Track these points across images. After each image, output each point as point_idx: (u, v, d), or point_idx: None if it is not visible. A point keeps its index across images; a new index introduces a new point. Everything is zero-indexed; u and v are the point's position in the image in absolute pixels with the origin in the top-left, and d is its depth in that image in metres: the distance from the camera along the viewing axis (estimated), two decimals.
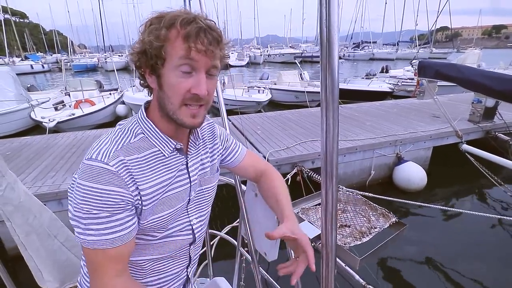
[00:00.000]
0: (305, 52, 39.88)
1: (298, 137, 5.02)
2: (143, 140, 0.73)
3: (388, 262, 3.30)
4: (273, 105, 11.47)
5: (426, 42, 38.46)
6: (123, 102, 10.05)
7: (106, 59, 31.93)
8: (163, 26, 0.64)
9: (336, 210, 0.63)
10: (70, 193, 0.69)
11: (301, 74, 12.71)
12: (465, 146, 4.27)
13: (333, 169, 0.58)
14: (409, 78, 12.39)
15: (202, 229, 0.91)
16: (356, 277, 1.30)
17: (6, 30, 35.96)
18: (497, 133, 5.44)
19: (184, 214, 0.83)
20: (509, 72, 10.44)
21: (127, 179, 0.67)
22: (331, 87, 0.51)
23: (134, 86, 10.33)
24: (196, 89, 0.67)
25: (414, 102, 8.13)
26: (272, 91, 11.48)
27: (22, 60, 36.87)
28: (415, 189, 4.67)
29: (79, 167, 0.67)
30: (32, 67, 32.30)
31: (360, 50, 46.86)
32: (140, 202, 0.70)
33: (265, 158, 4.15)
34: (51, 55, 48.15)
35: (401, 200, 3.46)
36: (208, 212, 0.93)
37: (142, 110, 0.76)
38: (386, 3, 48.55)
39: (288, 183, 3.98)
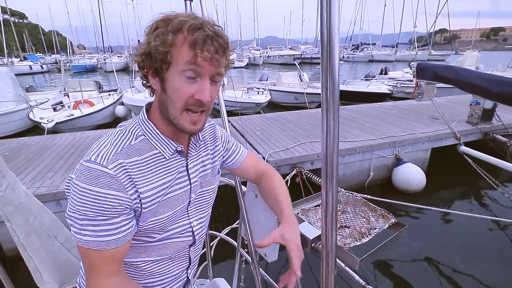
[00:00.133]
0: (304, 53, 39.98)
1: (297, 138, 5.03)
2: (144, 142, 0.73)
3: (387, 263, 3.30)
4: (272, 106, 11.48)
5: (425, 44, 38.58)
6: (122, 103, 10.04)
7: (105, 60, 31.94)
8: (170, 31, 0.63)
9: (336, 211, 0.63)
10: (67, 192, 0.69)
11: (300, 76, 12.73)
12: (463, 148, 4.27)
13: (333, 170, 0.58)
14: (408, 80, 12.43)
15: (202, 231, 0.91)
16: (355, 277, 1.31)
17: (5, 30, 35.88)
18: (495, 134, 5.46)
19: (184, 216, 0.83)
20: (507, 74, 10.51)
21: (126, 183, 0.66)
22: (332, 89, 0.51)
23: (133, 87, 10.31)
24: (199, 95, 0.67)
25: (413, 103, 8.15)
26: (271, 93, 11.49)
27: (21, 60, 36.79)
28: (414, 190, 4.67)
29: (77, 168, 0.67)
30: (31, 68, 32.25)
31: (359, 51, 46.93)
32: (139, 205, 0.70)
33: (264, 159, 4.15)
34: (50, 56, 48.15)
35: (400, 202, 3.47)
36: (208, 213, 0.93)
37: (143, 111, 0.76)
38: (385, 5, 48.78)
39: (287, 185, 3.97)
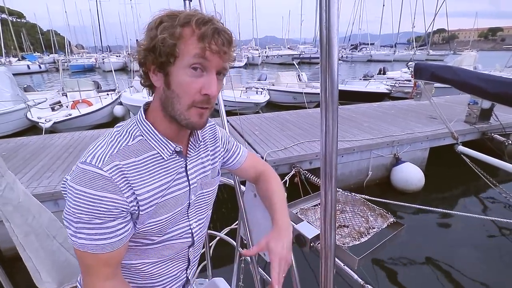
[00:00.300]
0: (303, 53, 40.02)
1: (296, 137, 5.03)
2: (142, 142, 0.71)
3: (386, 262, 3.31)
4: (271, 106, 11.49)
5: (423, 44, 38.66)
6: (121, 103, 10.01)
7: (103, 60, 31.83)
8: (178, 24, 0.63)
9: (335, 210, 0.63)
10: (64, 194, 0.67)
11: (299, 75, 12.73)
12: (460, 148, 4.29)
13: (332, 169, 0.58)
14: (406, 80, 12.46)
15: (202, 232, 0.90)
16: (354, 276, 1.31)
17: (3, 30, 35.68)
18: (493, 134, 5.48)
19: (184, 219, 0.82)
20: (504, 74, 10.55)
21: (122, 185, 0.65)
22: (331, 89, 0.51)
23: (131, 87, 10.29)
24: (207, 89, 0.65)
25: (411, 103, 8.18)
26: (270, 92, 11.49)
27: (19, 60, 36.63)
28: (413, 190, 4.69)
29: (73, 169, 0.66)
30: (29, 67, 32.05)
31: (358, 51, 46.98)
32: (136, 208, 0.69)
33: (263, 158, 4.16)
34: (48, 55, 47.97)
35: (398, 202, 3.48)
36: (208, 215, 0.92)
37: (141, 111, 0.74)
38: (383, 5, 48.90)
39: (286, 185, 3.98)
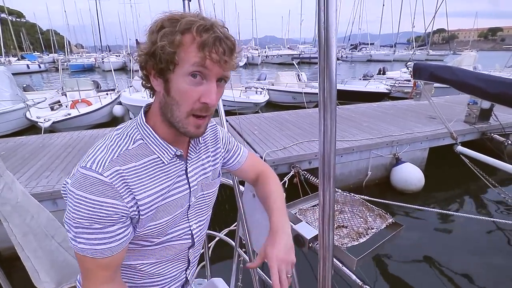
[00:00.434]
0: (303, 53, 40.00)
1: (295, 137, 5.03)
2: (142, 146, 0.70)
3: (384, 263, 3.31)
4: (270, 105, 11.49)
5: (423, 44, 38.67)
6: (120, 103, 10.00)
7: (103, 59, 31.80)
8: (178, 31, 0.61)
9: (333, 210, 0.63)
10: (65, 197, 0.67)
11: (298, 75, 12.73)
12: (459, 148, 4.29)
13: (330, 170, 0.58)
14: (406, 80, 12.47)
15: (202, 233, 0.90)
16: (353, 277, 1.31)
17: (2, 29, 35.64)
18: (492, 134, 5.49)
19: (184, 220, 0.81)
20: (504, 74, 10.56)
21: (122, 190, 0.65)
22: (329, 89, 0.51)
23: (131, 87, 10.28)
24: (206, 98, 0.64)
25: (411, 103, 8.19)
26: (269, 92, 11.49)
27: (19, 59, 36.58)
28: (413, 190, 4.68)
29: (73, 173, 0.66)
30: (28, 67, 32.00)
31: (357, 51, 46.99)
32: (137, 212, 0.68)
33: (262, 158, 4.16)
34: (48, 55, 47.91)
35: (397, 203, 3.48)
36: (208, 216, 0.92)
37: (141, 114, 0.73)
38: (383, 5, 48.90)
39: (285, 186, 3.98)
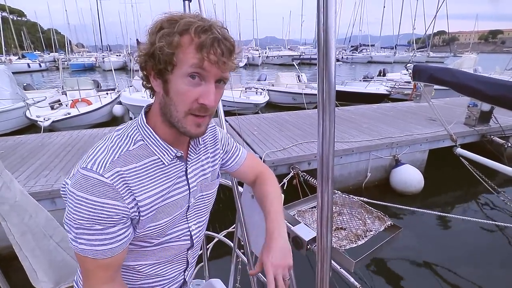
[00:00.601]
0: (303, 54, 39.98)
1: (294, 138, 5.03)
2: (143, 147, 0.70)
3: (382, 265, 3.31)
4: (270, 106, 11.49)
5: (423, 46, 38.69)
6: (120, 102, 10.00)
7: (103, 59, 31.81)
8: (176, 32, 0.61)
9: (331, 212, 0.63)
10: (64, 198, 0.67)
11: (298, 76, 12.73)
12: (459, 150, 4.28)
13: (329, 171, 0.58)
14: (406, 82, 12.47)
15: (201, 234, 0.89)
16: (350, 279, 1.31)
17: (3, 28, 35.68)
18: (492, 136, 5.48)
19: (183, 221, 0.81)
20: (504, 77, 10.57)
21: (123, 192, 0.65)
22: (328, 90, 0.51)
23: (131, 87, 10.28)
24: (204, 99, 0.64)
25: (411, 105, 8.19)
26: (269, 93, 11.49)
27: (19, 58, 36.59)
28: (412, 192, 4.68)
29: (73, 173, 0.65)
30: (29, 66, 32.01)
31: (358, 53, 46.97)
32: (137, 213, 0.69)
33: (261, 159, 4.16)
34: (49, 54, 47.91)
35: (396, 205, 3.47)
36: (207, 217, 0.92)
37: (142, 115, 0.73)
38: (384, 7, 48.89)
39: (284, 187, 3.98)
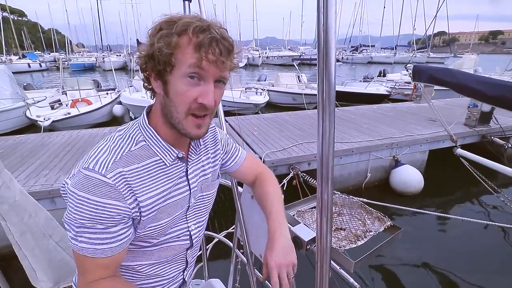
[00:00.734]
0: (303, 54, 39.98)
1: (294, 138, 5.03)
2: (144, 148, 0.71)
3: (382, 266, 3.30)
4: (270, 106, 11.49)
5: (424, 46, 38.69)
6: (120, 102, 10.01)
7: (104, 59, 31.84)
8: (175, 33, 0.62)
9: (331, 213, 0.63)
10: (64, 197, 0.67)
11: (299, 77, 12.73)
12: (459, 151, 4.28)
13: (328, 172, 0.58)
14: (406, 82, 12.48)
15: (200, 234, 0.90)
16: (350, 280, 1.31)
17: (4, 28, 35.76)
18: (492, 137, 5.48)
19: (182, 221, 0.82)
20: (504, 77, 10.57)
21: (125, 192, 0.65)
22: (328, 90, 0.51)
23: (131, 87, 10.28)
24: (203, 98, 0.64)
25: (411, 105, 8.19)
26: (269, 93, 11.49)
27: (20, 58, 36.60)
28: (412, 192, 4.68)
29: (73, 173, 0.66)
30: (29, 66, 32.02)
31: (358, 53, 47.01)
32: (138, 214, 0.69)
33: (261, 159, 4.15)
34: (49, 54, 47.91)
35: (396, 206, 3.47)
36: (206, 217, 0.92)
37: (144, 116, 0.74)
38: (384, 7, 48.92)
39: (284, 188, 3.98)
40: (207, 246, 1.88)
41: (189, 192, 0.80)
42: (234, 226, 1.43)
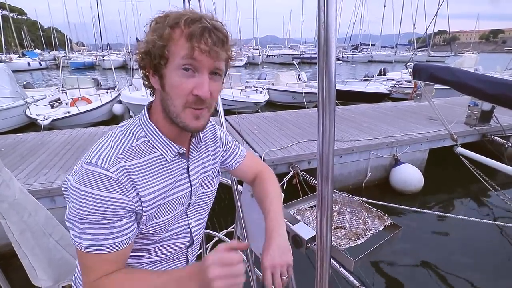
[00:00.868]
0: (303, 53, 39.98)
1: (294, 137, 5.03)
2: (146, 144, 0.71)
3: (382, 264, 3.31)
4: (270, 105, 11.49)
5: (424, 45, 38.64)
6: (120, 101, 10.00)
7: (103, 57, 31.84)
8: (167, 25, 0.62)
9: (331, 211, 0.63)
10: (66, 195, 0.67)
11: (299, 75, 12.73)
12: (459, 149, 4.28)
13: (328, 170, 0.58)
14: (406, 81, 12.47)
15: (200, 231, 0.90)
16: (350, 278, 1.30)
17: (3, 26, 35.72)
18: (493, 136, 5.48)
19: (183, 218, 0.82)
20: (505, 76, 10.55)
21: (128, 186, 0.65)
22: (328, 89, 0.51)
23: (131, 85, 10.27)
24: (198, 90, 0.64)
25: (411, 104, 8.18)
26: (269, 92, 11.49)
27: (20, 57, 36.58)
28: (412, 191, 4.68)
29: (75, 169, 0.65)
30: (29, 64, 32.02)
31: (358, 52, 46.98)
32: (141, 208, 0.69)
33: (261, 157, 4.15)
34: (49, 53, 47.88)
35: (396, 205, 3.47)
36: (207, 215, 0.92)
37: (145, 112, 0.74)
38: (385, 6, 48.90)
39: (284, 187, 3.98)
40: (207, 245, 1.88)
41: (190, 188, 0.80)
42: (234, 224, 1.43)
